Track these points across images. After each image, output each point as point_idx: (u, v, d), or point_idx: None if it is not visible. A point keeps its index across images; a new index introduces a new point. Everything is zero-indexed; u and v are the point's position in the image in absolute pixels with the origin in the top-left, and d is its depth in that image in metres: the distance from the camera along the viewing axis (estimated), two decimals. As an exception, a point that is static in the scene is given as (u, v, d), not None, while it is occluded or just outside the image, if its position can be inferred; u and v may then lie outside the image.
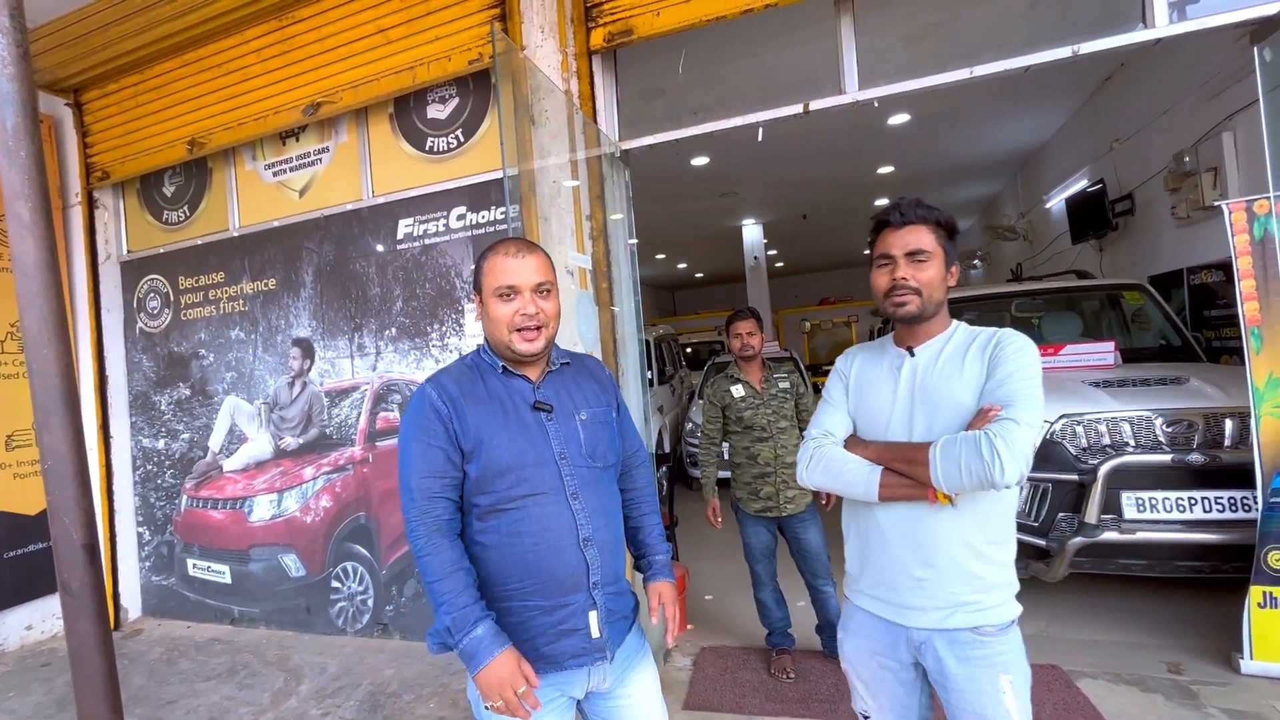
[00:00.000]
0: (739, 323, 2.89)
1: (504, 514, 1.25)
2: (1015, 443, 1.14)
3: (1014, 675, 1.24)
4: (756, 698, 2.63)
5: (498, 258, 1.30)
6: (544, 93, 2.85)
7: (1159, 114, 4.76)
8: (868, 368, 1.42)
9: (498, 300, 1.29)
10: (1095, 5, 2.68)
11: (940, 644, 1.27)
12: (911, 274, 1.29)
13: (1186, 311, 4.46)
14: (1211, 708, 2.32)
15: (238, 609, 4.01)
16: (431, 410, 1.26)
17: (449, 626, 1.18)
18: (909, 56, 2.88)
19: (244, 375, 4.06)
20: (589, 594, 1.28)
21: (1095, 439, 2.92)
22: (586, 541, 1.28)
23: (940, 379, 1.29)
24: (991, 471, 1.13)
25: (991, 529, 1.27)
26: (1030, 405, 1.19)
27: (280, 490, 3.89)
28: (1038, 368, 1.24)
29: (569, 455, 1.30)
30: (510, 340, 1.29)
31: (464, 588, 1.20)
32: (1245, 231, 2.50)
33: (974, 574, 1.26)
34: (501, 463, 1.24)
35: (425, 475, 1.23)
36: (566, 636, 1.26)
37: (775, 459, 2.78)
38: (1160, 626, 2.96)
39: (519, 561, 1.25)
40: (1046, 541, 2.89)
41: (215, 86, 3.84)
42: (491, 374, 1.33)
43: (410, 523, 1.23)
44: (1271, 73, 2.44)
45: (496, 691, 1.16)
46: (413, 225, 3.55)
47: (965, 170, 8.01)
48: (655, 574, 1.49)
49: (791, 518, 2.79)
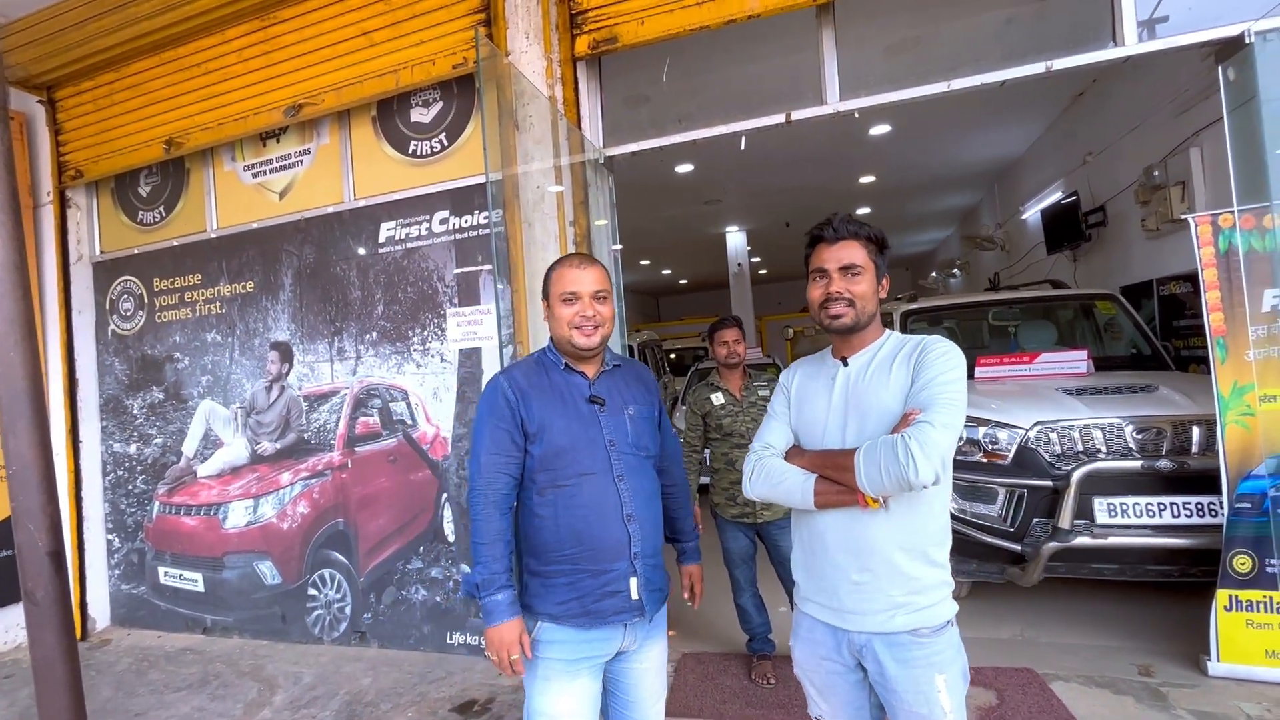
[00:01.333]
0: (724, 330, 2.90)
1: (561, 489, 1.46)
2: (929, 444, 1.17)
3: (948, 674, 1.28)
4: (737, 703, 2.63)
5: (564, 269, 1.54)
6: (528, 98, 2.86)
7: (1130, 129, 4.90)
8: (807, 381, 1.47)
9: (562, 304, 1.51)
10: (1068, 23, 2.75)
11: (880, 646, 1.30)
12: (845, 287, 1.35)
13: (1156, 321, 4.58)
14: (1180, 709, 2.37)
15: (210, 618, 3.93)
16: (503, 398, 1.49)
17: (479, 583, 1.42)
18: (889, 69, 2.93)
19: (220, 379, 3.99)
20: (630, 562, 1.47)
21: (1069, 445, 2.98)
22: (630, 517, 1.48)
23: (869, 387, 1.34)
24: (907, 472, 1.17)
25: (925, 531, 1.30)
26: (946, 408, 1.22)
27: (256, 496, 3.83)
28: (959, 372, 1.28)
29: (617, 443, 1.51)
30: (571, 336, 1.51)
31: (501, 555, 1.43)
32: (1211, 244, 2.58)
33: (910, 576, 1.29)
34: (560, 445, 1.46)
35: (493, 452, 1.46)
36: (610, 597, 1.46)
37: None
38: (1131, 630, 3.02)
39: (572, 530, 1.45)
40: (1022, 546, 2.94)
41: (194, 86, 3.79)
42: (555, 370, 1.56)
43: (475, 490, 1.46)
44: (1235, 91, 2.53)
45: (497, 649, 1.41)
46: (395, 229, 3.52)
47: (944, 181, 8.16)
48: (688, 558, 1.75)
49: (769, 524, 2.79)
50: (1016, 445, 3.05)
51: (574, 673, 1.46)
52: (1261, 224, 2.49)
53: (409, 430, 3.49)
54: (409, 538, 3.47)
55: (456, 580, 3.35)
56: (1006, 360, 3.82)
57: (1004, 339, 4.59)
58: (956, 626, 1.33)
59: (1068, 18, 2.79)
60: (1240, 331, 2.53)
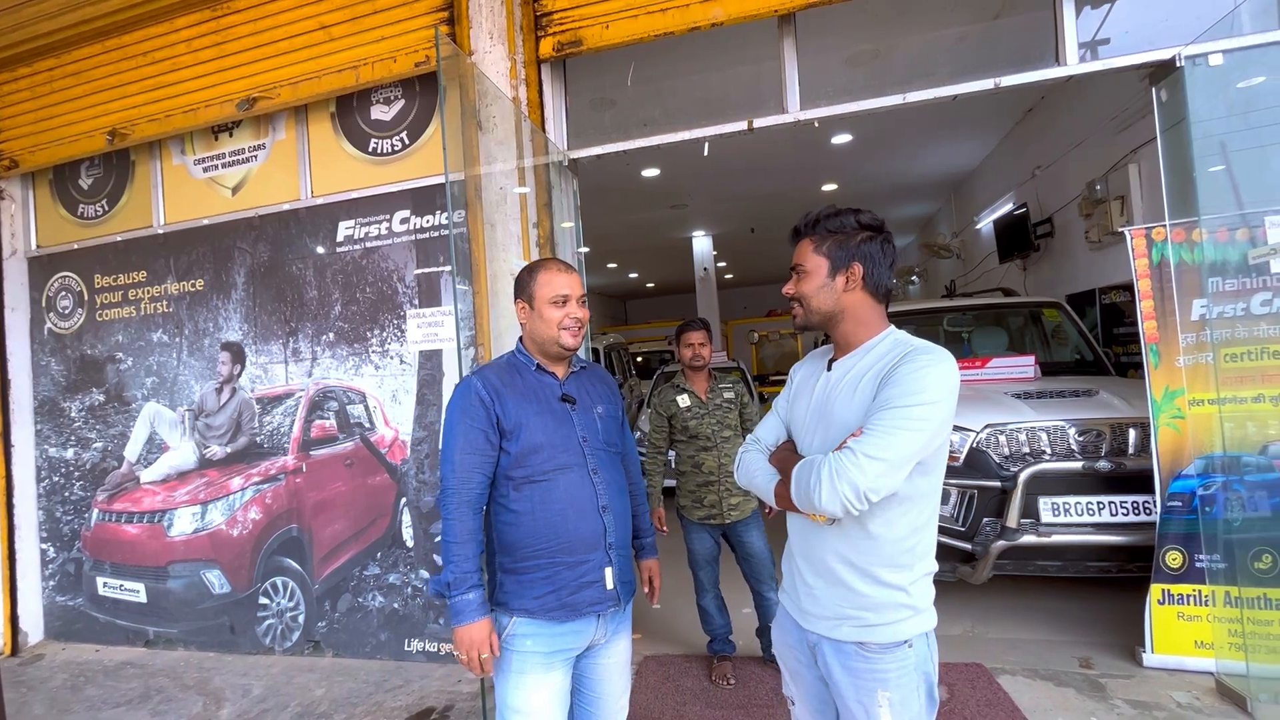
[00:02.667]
0: (690, 333, 2.91)
1: (537, 484, 1.49)
2: (842, 473, 1.12)
3: (894, 694, 1.22)
4: (697, 705, 2.65)
5: (551, 273, 1.58)
6: (491, 99, 2.83)
7: (1074, 145, 5.13)
8: (805, 380, 1.44)
9: (552, 306, 1.55)
10: (1015, 43, 2.88)
11: (828, 649, 1.29)
12: (792, 288, 1.37)
13: (1099, 328, 4.80)
14: (1117, 699, 2.48)
15: (153, 630, 3.76)
16: (476, 397, 1.50)
17: (450, 582, 1.43)
18: (848, 80, 3.01)
19: (166, 380, 3.83)
20: (606, 553, 1.53)
21: (1016, 447, 3.09)
22: (605, 509, 1.54)
23: (837, 397, 1.28)
24: (813, 497, 1.15)
25: (875, 552, 1.23)
26: (882, 436, 1.13)
27: (204, 502, 3.68)
28: (926, 395, 1.14)
29: (589, 439, 1.57)
30: (559, 336, 1.56)
31: (472, 555, 1.45)
32: (1145, 256, 2.72)
33: (856, 592, 1.24)
34: (536, 441, 1.50)
35: (467, 452, 1.47)
36: (586, 588, 1.50)
37: (719, 468, 2.81)
38: (1073, 624, 3.15)
39: (549, 524, 1.48)
40: (972, 545, 3.04)
41: (140, 75, 3.65)
42: (526, 371, 1.60)
43: (447, 490, 1.47)
44: (1167, 112, 2.68)
45: (466, 648, 1.42)
46: (354, 228, 3.45)
47: (904, 190, 8.39)
48: (647, 553, 1.81)
49: (735, 524, 2.82)
50: (968, 447, 3.15)
51: (549, 665, 1.49)
52: (1190, 238, 2.63)
53: (367, 433, 3.41)
54: (366, 543, 3.39)
55: (415, 586, 3.29)
56: (959, 365, 3.95)
57: (958, 344, 4.75)
58: (925, 647, 1.25)
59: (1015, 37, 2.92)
60: (1172, 339, 2.67)
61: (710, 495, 2.82)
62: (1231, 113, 2.58)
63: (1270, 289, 2.50)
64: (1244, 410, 2.54)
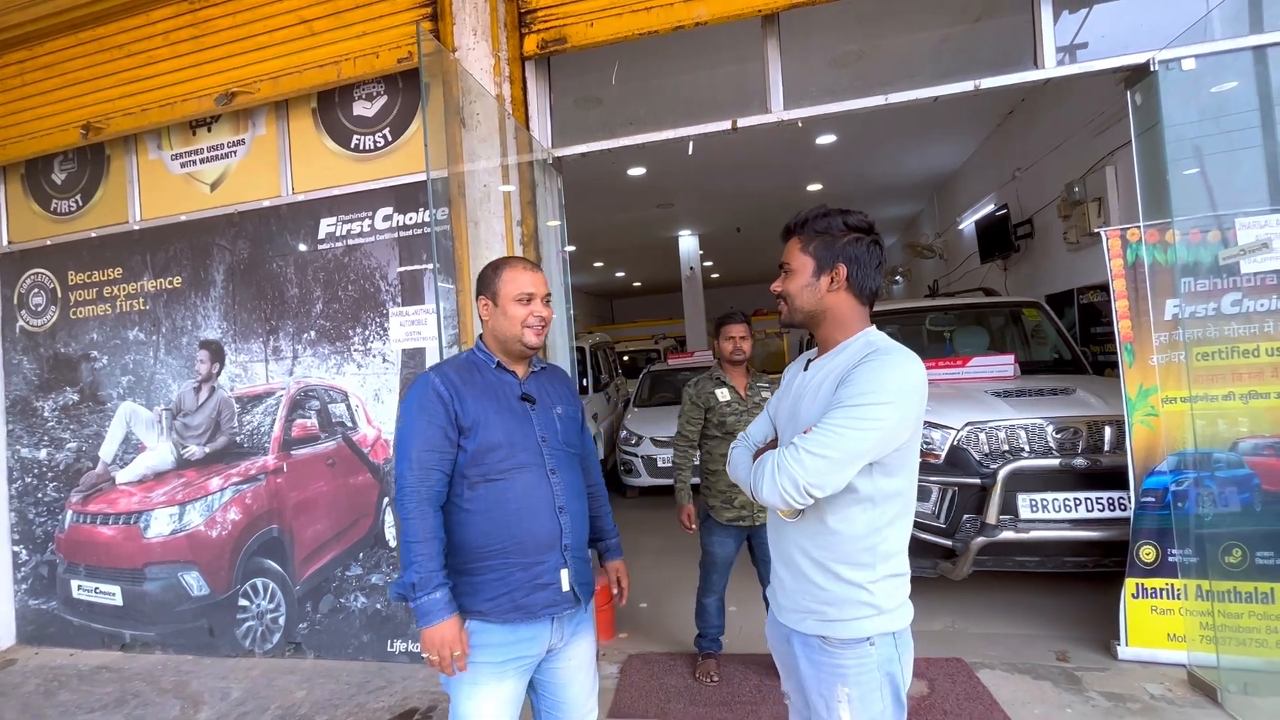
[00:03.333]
0: (731, 325, 2.77)
1: (494, 483, 1.47)
2: (784, 468, 1.16)
3: (854, 690, 1.22)
4: (681, 702, 2.66)
5: (515, 271, 1.56)
6: (475, 96, 2.82)
7: (1053, 147, 5.21)
8: (791, 378, 1.47)
9: (517, 304, 1.53)
10: (995, 46, 2.91)
11: (796, 642, 1.33)
12: (778, 285, 1.39)
13: (1076, 328, 4.88)
14: (1092, 691, 2.53)
15: (130, 633, 3.70)
16: (434, 394, 1.47)
17: (414, 583, 1.38)
18: (830, 81, 3.03)
19: (143, 379, 3.76)
20: (561, 554, 1.51)
21: (996, 445, 3.14)
22: (562, 509, 1.52)
23: (804, 397, 1.31)
24: (757, 489, 1.21)
25: (835, 548, 1.24)
26: (827, 434, 1.14)
27: (182, 503, 3.63)
28: (882, 392, 1.15)
29: (548, 439, 1.55)
30: (523, 335, 1.54)
31: (435, 554, 1.40)
32: (1120, 257, 2.77)
33: (818, 586, 1.27)
34: (495, 439, 1.47)
35: (425, 449, 1.44)
36: (540, 590, 1.47)
37: None
38: (1050, 618, 3.20)
39: (504, 524, 1.46)
40: (953, 542, 3.08)
41: (116, 69, 3.57)
42: (486, 369, 1.57)
43: (405, 489, 1.42)
44: (1141, 115, 2.73)
45: (436, 648, 1.38)
46: (335, 225, 3.41)
47: (888, 191, 8.47)
48: (611, 554, 1.79)
49: (762, 527, 2.67)
50: (949, 445, 3.19)
51: (502, 674, 1.47)
52: (1164, 239, 2.69)
53: (349, 433, 3.38)
54: (348, 543, 3.35)
55: (398, 587, 3.26)
56: (941, 364, 4.00)
57: (941, 344, 4.81)
58: (888, 649, 1.24)
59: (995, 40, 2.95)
60: (1145, 338, 2.73)
61: (743, 495, 2.67)
62: (1203, 116, 2.64)
63: (1240, 289, 2.55)
64: (1215, 408, 2.60)
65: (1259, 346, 2.53)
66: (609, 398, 8.21)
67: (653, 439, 6.31)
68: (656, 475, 6.24)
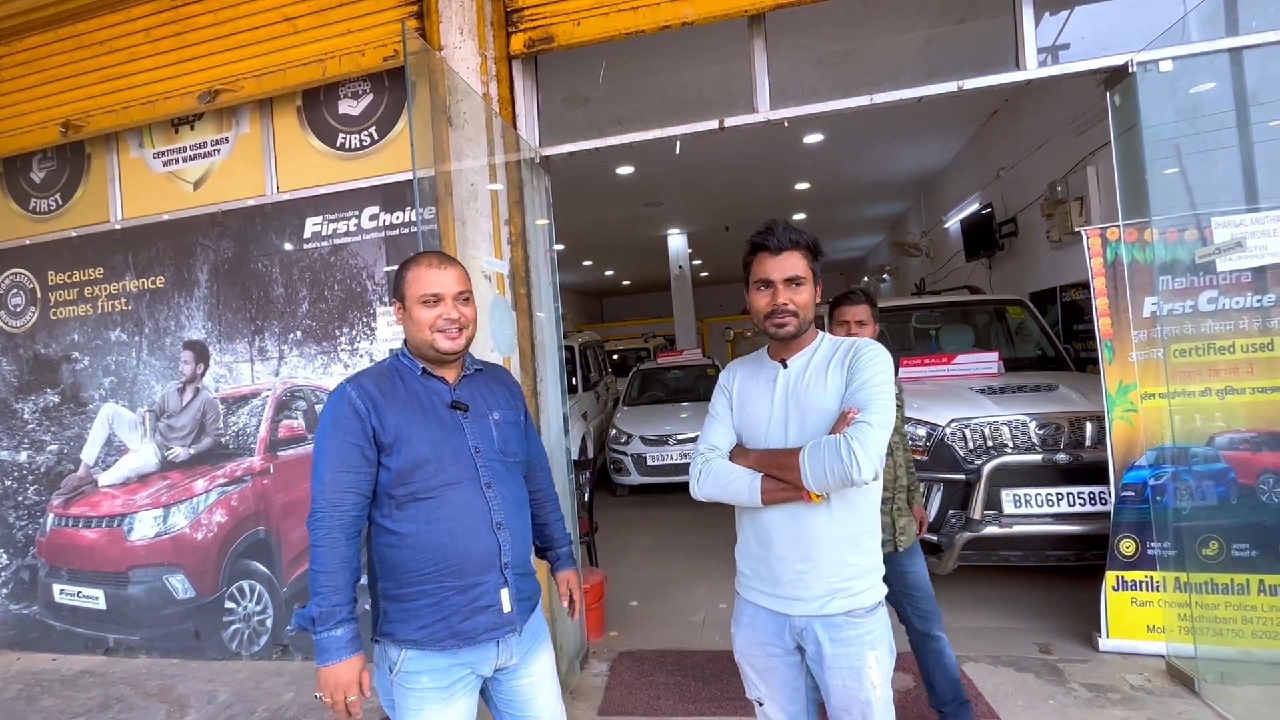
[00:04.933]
0: (848, 307, 2.18)
1: (423, 502, 1.35)
2: (869, 443, 1.25)
3: (879, 650, 1.38)
4: (671, 699, 2.68)
5: (420, 269, 1.42)
6: (462, 95, 2.81)
7: (1036, 147, 5.27)
8: (748, 382, 1.52)
9: (421, 306, 1.40)
10: (978, 47, 2.94)
11: (818, 628, 1.38)
12: (790, 298, 1.40)
13: (1059, 325, 4.95)
14: (1074, 683, 2.58)
15: (113, 637, 3.65)
16: (350, 408, 1.35)
17: (315, 617, 1.28)
18: (817, 81, 3.05)
19: (125, 380, 3.72)
20: (501, 573, 1.40)
21: (980, 441, 3.18)
22: (499, 525, 1.41)
23: (809, 388, 1.41)
24: (850, 471, 1.24)
25: (863, 519, 1.40)
26: (882, 408, 1.31)
27: (167, 505, 3.59)
28: (889, 374, 1.37)
29: (483, 449, 1.43)
30: (433, 340, 1.40)
31: (344, 586, 1.30)
32: (1100, 255, 2.82)
33: (848, 563, 1.38)
34: (421, 455, 1.35)
35: (339, 470, 1.32)
36: (480, 613, 1.37)
37: (892, 483, 2.13)
38: (1034, 612, 3.25)
39: (436, 546, 1.35)
40: (938, 537, 3.12)
41: (96, 65, 3.52)
42: (411, 376, 1.45)
43: (316, 512, 1.31)
44: (1121, 116, 2.77)
45: (330, 690, 1.27)
46: (321, 224, 3.38)
47: (875, 189, 8.53)
48: (561, 564, 1.69)
49: (901, 553, 2.14)
50: (934, 441, 3.23)
51: (449, 698, 1.36)
52: (1142, 238, 2.74)
53: (336, 433, 3.35)
54: (336, 545, 3.33)
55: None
56: (927, 361, 4.05)
57: (927, 341, 4.86)
58: (886, 606, 1.45)
59: (978, 42, 2.98)
60: (1125, 335, 2.77)
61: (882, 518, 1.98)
62: (1181, 117, 2.68)
63: (1216, 287, 2.61)
64: (1192, 403, 2.65)
65: (1234, 343, 2.59)
66: (599, 396, 8.21)
67: (642, 437, 6.33)
68: (646, 474, 6.25)
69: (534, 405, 2.91)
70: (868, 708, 1.35)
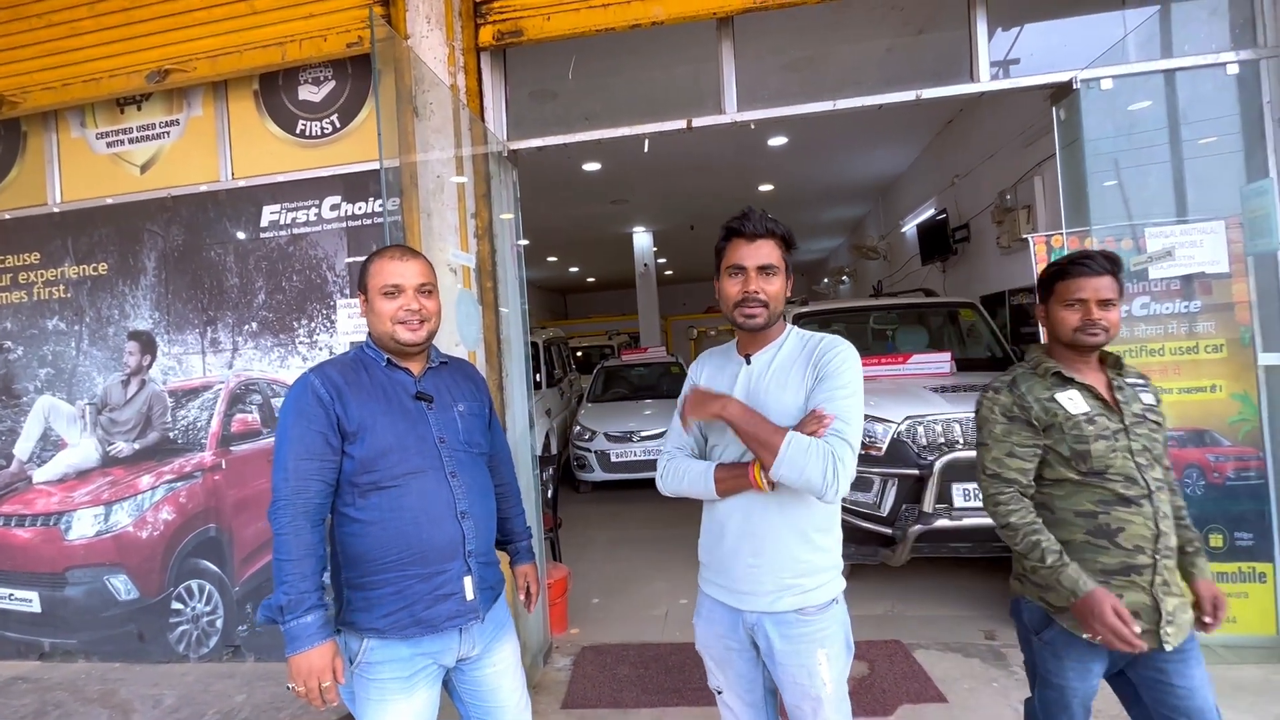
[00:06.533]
0: (1085, 278, 1.48)
1: (386, 491, 1.36)
2: (848, 464, 1.24)
3: (830, 648, 1.35)
4: (634, 691, 2.71)
5: (383, 261, 1.44)
6: (429, 85, 2.77)
7: (988, 156, 5.50)
8: (715, 375, 1.50)
9: (383, 298, 1.42)
10: (935, 59, 3.07)
11: (769, 624, 1.37)
12: (761, 287, 1.37)
13: (1008, 327, 5.18)
14: (1015, 666, 2.72)
15: (49, 641, 3.47)
16: (314, 396, 1.35)
17: (283, 605, 1.26)
18: (783, 84, 3.12)
19: (63, 372, 3.53)
20: (464, 561, 1.41)
21: (933, 438, 3.31)
22: (464, 514, 1.42)
23: (770, 385, 1.39)
24: (824, 489, 1.23)
25: (817, 518, 1.36)
26: (854, 421, 1.29)
27: (108, 503, 3.43)
28: (859, 377, 1.34)
29: (448, 439, 1.45)
30: (394, 331, 1.42)
31: (310, 574, 1.28)
32: (1045, 261, 2.96)
33: (799, 559, 1.35)
34: (384, 444, 1.36)
35: (303, 457, 1.32)
36: (442, 601, 1.38)
37: (1154, 538, 1.43)
38: (980, 600, 3.41)
39: (400, 533, 1.35)
40: (893, 530, 3.23)
41: (35, 39, 3.33)
42: (375, 367, 1.46)
43: (279, 500, 1.30)
44: (1065, 130, 2.92)
45: (303, 677, 1.26)
46: (280, 213, 3.28)
47: (835, 193, 8.74)
48: (521, 558, 1.70)
49: (1164, 651, 1.41)
50: (890, 438, 3.35)
51: (410, 689, 1.36)
52: (1084, 245, 2.89)
53: (293, 428, 3.27)
54: (292, 542, 3.25)
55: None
56: (884, 361, 4.18)
57: (882, 342, 5.02)
58: (843, 603, 1.41)
59: (935, 54, 3.11)
60: (1067, 337, 2.92)
61: (1135, 590, 1.43)
62: (1119, 132, 2.85)
63: (1149, 294, 2.78)
64: (1126, 402, 2.81)
65: (1164, 346, 2.76)
66: (563, 393, 8.19)
67: (606, 434, 6.34)
68: (609, 470, 6.28)
69: (499, 400, 2.89)
70: (818, 704, 1.34)
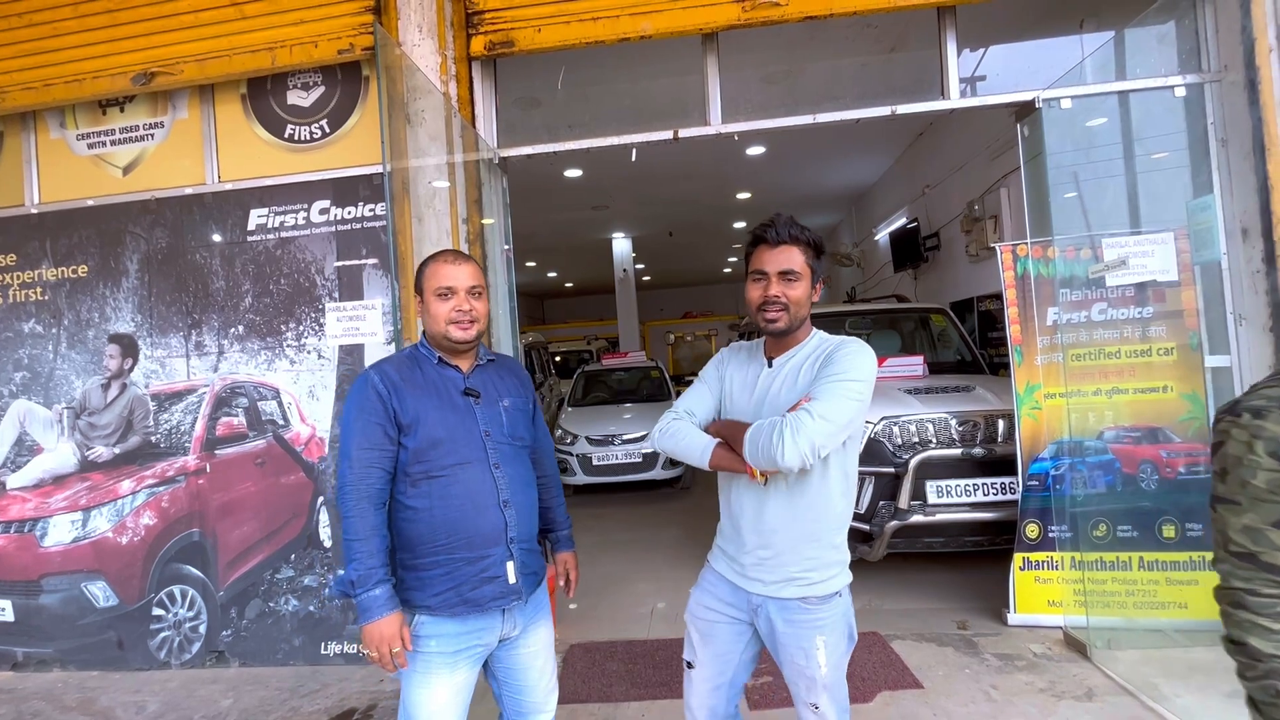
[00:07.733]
0: None
1: (436, 480, 1.47)
2: (801, 431, 1.26)
3: (829, 636, 1.42)
4: (623, 685, 2.77)
5: (438, 265, 1.55)
6: (421, 93, 2.83)
7: (957, 168, 5.73)
8: (739, 370, 1.56)
9: (437, 299, 1.52)
10: (908, 76, 3.23)
11: (772, 608, 1.45)
12: (782, 291, 1.41)
13: (976, 332, 5.39)
14: (987, 654, 2.85)
15: (22, 651, 3.40)
16: (374, 391, 1.47)
17: (354, 580, 1.39)
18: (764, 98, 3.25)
19: (40, 375, 3.47)
20: (507, 547, 1.51)
21: (907, 437, 3.46)
22: (506, 503, 1.52)
23: (782, 388, 1.44)
24: (774, 453, 1.27)
25: (822, 520, 1.42)
26: (830, 401, 1.30)
27: (86, 508, 3.38)
28: (860, 372, 1.34)
29: (492, 433, 1.55)
30: (447, 330, 1.52)
31: (376, 551, 1.41)
32: (1011, 269, 3.14)
33: (806, 556, 1.42)
34: (435, 436, 1.47)
35: (365, 447, 1.44)
36: (487, 583, 1.48)
37: None
38: (953, 592, 3.55)
39: (448, 520, 1.47)
40: (870, 526, 3.36)
41: (14, 39, 3.30)
42: (428, 364, 1.57)
43: (345, 486, 1.43)
44: (1029, 145, 3.10)
45: (376, 644, 1.38)
46: (267, 216, 3.29)
47: (811, 201, 8.96)
48: (562, 545, 1.80)
49: None
50: (866, 438, 3.48)
51: (454, 665, 1.47)
52: (1046, 254, 3.07)
53: (280, 431, 3.27)
54: (278, 545, 3.24)
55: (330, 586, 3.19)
56: (859, 364, 4.33)
57: (857, 347, 5.17)
58: (848, 596, 1.47)
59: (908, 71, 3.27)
60: (1031, 341, 3.10)
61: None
62: (1078, 148, 3.04)
63: (1106, 300, 2.96)
64: (1086, 402, 2.99)
65: (1120, 349, 2.94)
66: (543, 398, 8.21)
67: (588, 438, 6.40)
68: (592, 474, 6.33)
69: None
70: (813, 684, 1.42)
